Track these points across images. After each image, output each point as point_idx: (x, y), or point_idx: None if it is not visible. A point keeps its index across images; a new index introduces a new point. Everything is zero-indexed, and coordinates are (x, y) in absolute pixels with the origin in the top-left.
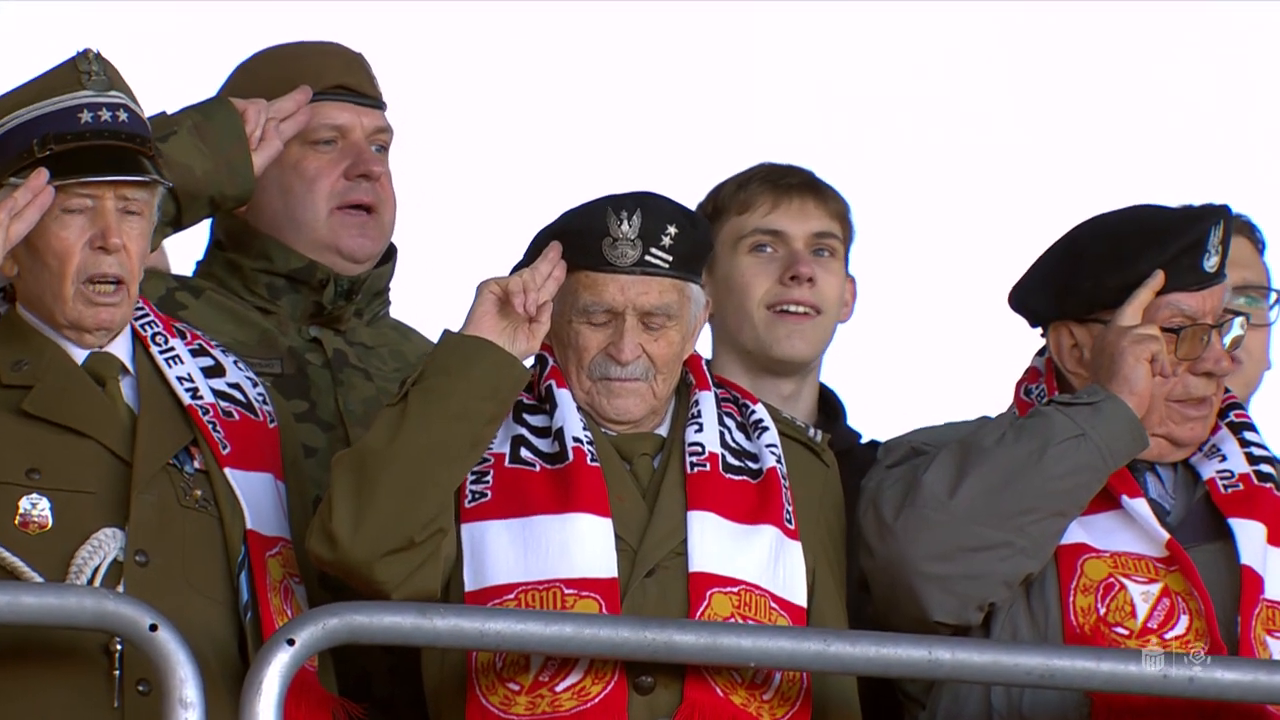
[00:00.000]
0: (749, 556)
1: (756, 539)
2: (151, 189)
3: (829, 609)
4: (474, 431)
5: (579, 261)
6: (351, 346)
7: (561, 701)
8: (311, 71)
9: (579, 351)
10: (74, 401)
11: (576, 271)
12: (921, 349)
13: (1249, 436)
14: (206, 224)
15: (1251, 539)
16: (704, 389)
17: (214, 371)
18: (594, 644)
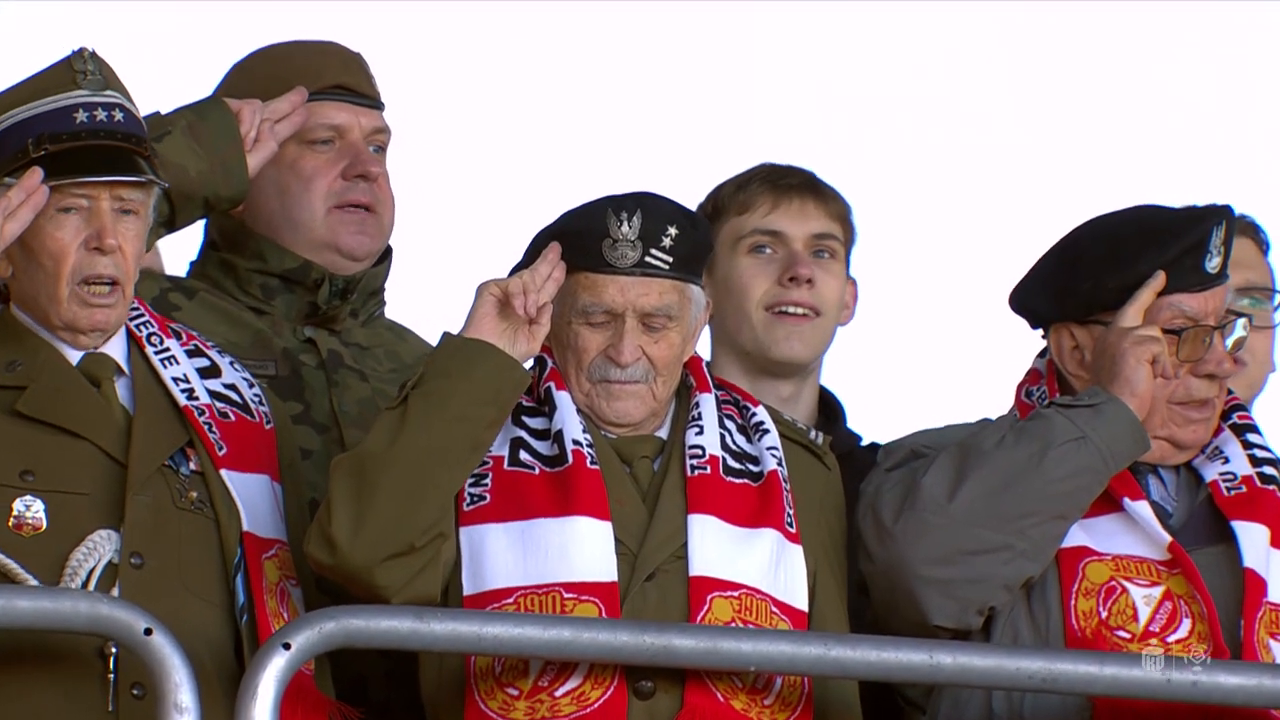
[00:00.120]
0: (750, 560)
1: (757, 542)
2: (147, 189)
3: (830, 613)
4: (474, 435)
5: (578, 262)
6: (347, 347)
7: (561, 707)
8: (309, 71)
9: (578, 353)
10: (68, 402)
11: (576, 273)
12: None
13: (1252, 438)
14: (200, 224)
15: (1254, 541)
16: (704, 391)
17: (210, 372)
18: (592, 648)
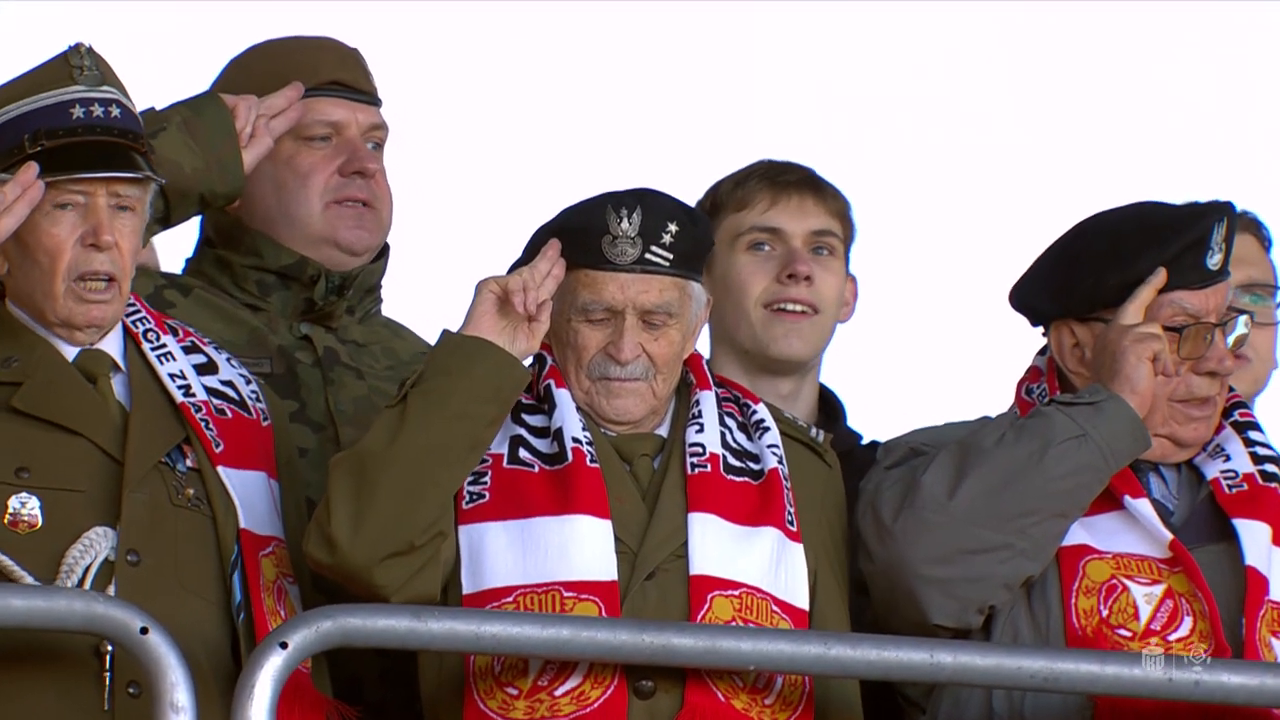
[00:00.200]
0: (750, 559)
1: (758, 541)
2: (144, 185)
3: (831, 612)
4: (474, 433)
5: (578, 259)
6: (343, 344)
7: (561, 706)
8: (306, 67)
9: (578, 351)
10: (64, 398)
11: (576, 270)
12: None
13: (1254, 436)
14: (196, 221)
15: (1256, 540)
16: (705, 389)
17: (206, 368)
18: (591, 647)
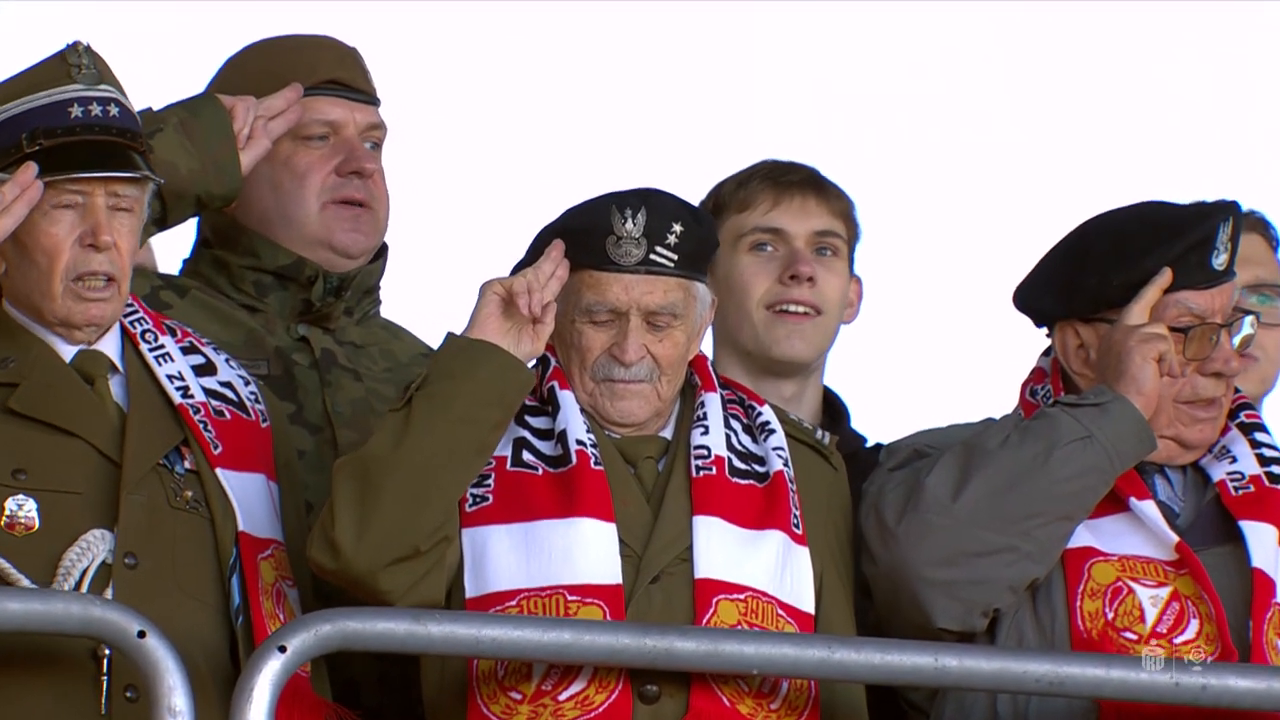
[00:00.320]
0: (756, 563)
1: (763, 545)
2: (142, 185)
3: (837, 615)
4: (480, 437)
5: (582, 260)
6: (341, 346)
7: (565, 711)
8: (304, 66)
9: (582, 352)
10: (61, 400)
11: (580, 270)
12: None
13: (1260, 437)
14: (193, 222)
15: (1263, 541)
16: (710, 390)
17: (205, 370)
18: (593, 651)
